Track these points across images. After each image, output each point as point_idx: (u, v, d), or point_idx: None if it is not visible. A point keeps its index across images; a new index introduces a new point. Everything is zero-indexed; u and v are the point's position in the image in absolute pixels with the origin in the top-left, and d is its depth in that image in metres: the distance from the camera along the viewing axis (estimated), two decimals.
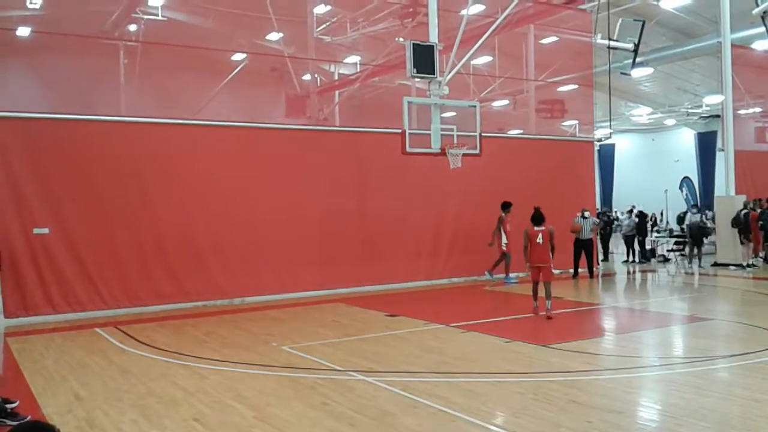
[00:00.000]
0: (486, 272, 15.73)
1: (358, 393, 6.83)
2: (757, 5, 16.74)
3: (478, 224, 15.70)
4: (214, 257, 13.18)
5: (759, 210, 18.51)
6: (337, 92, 26.08)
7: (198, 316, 12.03)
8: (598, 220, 17.15)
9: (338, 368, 7.87)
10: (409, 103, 12.70)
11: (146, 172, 12.62)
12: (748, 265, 17.90)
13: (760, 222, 18.14)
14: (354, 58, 24.94)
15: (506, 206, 15.39)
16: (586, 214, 16.59)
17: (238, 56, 23.15)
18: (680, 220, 23.37)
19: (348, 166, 14.87)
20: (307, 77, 24.20)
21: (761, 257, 19.12)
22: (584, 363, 8.04)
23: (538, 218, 11.27)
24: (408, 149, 12.24)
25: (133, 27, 21.50)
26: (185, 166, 12.98)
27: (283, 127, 15.74)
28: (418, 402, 6.44)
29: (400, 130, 12.26)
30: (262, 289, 13.55)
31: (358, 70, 24.39)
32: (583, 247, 16.56)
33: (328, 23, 22.61)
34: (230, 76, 23.29)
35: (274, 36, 22.47)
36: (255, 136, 14.08)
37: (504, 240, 15.34)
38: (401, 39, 18.34)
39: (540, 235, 11.07)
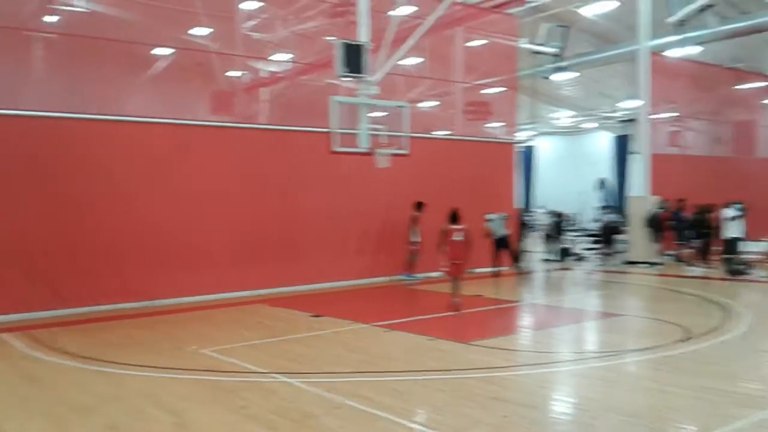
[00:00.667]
0: (403, 275, 15.91)
1: (280, 395, 6.77)
2: (673, 14, 17.57)
3: (405, 224, 15.81)
4: (131, 258, 12.71)
5: (670, 211, 19.41)
6: (265, 90, 25.71)
7: (113, 319, 11.57)
8: (504, 213, 17.48)
9: (260, 371, 7.77)
10: (337, 102, 12.67)
11: (65, 169, 12.07)
12: (658, 263, 18.79)
13: (672, 222, 19.06)
14: (283, 56, 24.66)
15: (419, 206, 15.58)
16: (492, 216, 16.83)
17: (162, 51, 22.47)
18: (596, 220, 24.57)
19: (275, 164, 14.69)
20: (234, 74, 23.76)
21: (671, 255, 20.06)
22: (503, 359, 8.24)
23: (455, 217, 11.74)
24: (336, 148, 12.21)
25: (52, 18, 20.54)
26: (105, 162, 12.48)
27: (208, 124, 15.38)
28: (342, 402, 6.43)
29: (328, 130, 12.21)
30: (181, 291, 13.15)
31: (287, 67, 24.14)
32: (500, 246, 16.95)
33: (256, 20, 22.28)
34: (153, 71, 22.59)
35: (200, 31, 21.95)
36: (179, 133, 13.71)
37: (415, 239, 15.51)
38: (331, 38, 18.25)
39: (458, 234, 11.54)
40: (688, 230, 18.33)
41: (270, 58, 24.87)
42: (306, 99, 24.55)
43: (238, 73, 23.43)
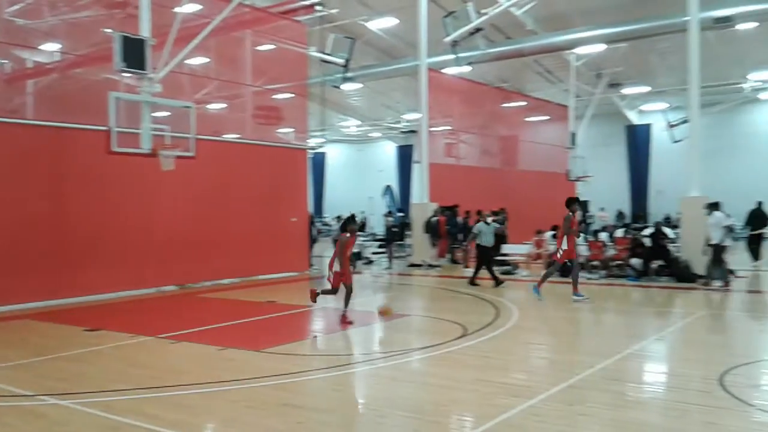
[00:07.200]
0: None
1: (50, 419, 6.11)
2: (449, 34, 19.00)
3: (192, 228, 15.21)
4: None
5: (446, 216, 20.92)
6: (31, 81, 23.16)
7: None
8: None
9: (26, 393, 6.94)
10: (116, 98, 11.81)
11: None
12: (437, 266, 20.17)
13: (447, 227, 20.57)
14: (52, 46, 22.43)
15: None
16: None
17: None
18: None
19: (43, 164, 13.32)
20: None
21: (447, 258, 21.63)
22: (295, 365, 8.23)
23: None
24: (115, 148, 11.38)
25: None
26: None
27: None
28: (121, 422, 5.96)
29: (106, 128, 11.33)
30: None
31: (58, 59, 21.99)
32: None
33: (20, 4, 20.02)
34: None
35: None
36: None
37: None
38: (109, 30, 16.98)
39: None
40: (462, 234, 19.93)
41: (37, 47, 22.54)
42: (82, 94, 22.60)
43: None
